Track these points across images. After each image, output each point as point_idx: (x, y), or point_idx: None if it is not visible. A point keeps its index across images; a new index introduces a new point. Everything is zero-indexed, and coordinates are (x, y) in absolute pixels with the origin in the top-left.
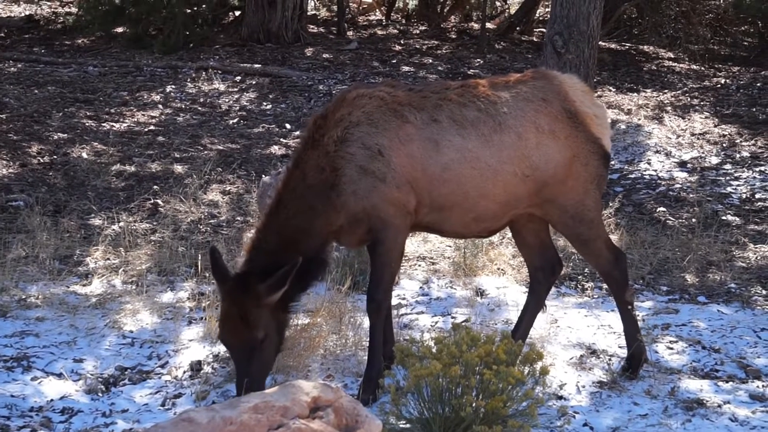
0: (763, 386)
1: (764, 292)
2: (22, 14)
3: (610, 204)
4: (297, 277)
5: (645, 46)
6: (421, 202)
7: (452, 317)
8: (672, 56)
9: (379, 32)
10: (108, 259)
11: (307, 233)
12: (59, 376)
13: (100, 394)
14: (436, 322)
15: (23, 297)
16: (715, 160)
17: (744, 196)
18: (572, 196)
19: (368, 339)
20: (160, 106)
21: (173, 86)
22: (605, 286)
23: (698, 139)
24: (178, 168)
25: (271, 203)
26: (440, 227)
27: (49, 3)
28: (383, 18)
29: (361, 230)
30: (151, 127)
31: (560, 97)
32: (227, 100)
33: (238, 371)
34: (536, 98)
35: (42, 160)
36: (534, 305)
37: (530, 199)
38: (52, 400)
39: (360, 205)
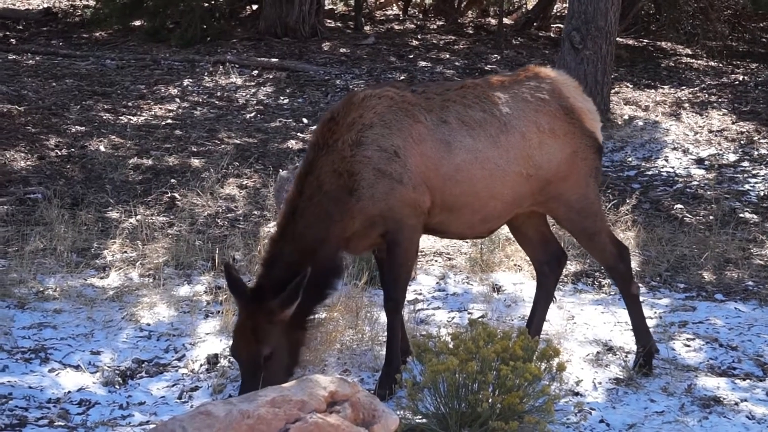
0: None
1: None
2: (41, 7)
3: (627, 201)
4: (313, 288)
5: (663, 43)
6: (433, 202)
7: (469, 313)
8: (690, 53)
9: (396, 27)
10: (125, 252)
11: (323, 242)
12: (76, 368)
13: (117, 387)
14: (453, 318)
15: (41, 289)
16: (732, 158)
17: (762, 193)
18: (576, 190)
19: (386, 335)
20: (178, 99)
21: (190, 80)
22: None
23: (716, 136)
24: (195, 162)
25: (285, 213)
26: (446, 228)
27: None
28: (400, 13)
29: (374, 233)
30: (169, 121)
31: (555, 95)
32: (244, 94)
33: (241, 389)
34: (534, 98)
35: (60, 153)
36: (544, 299)
37: (534, 198)
38: (69, 392)
39: (377, 208)
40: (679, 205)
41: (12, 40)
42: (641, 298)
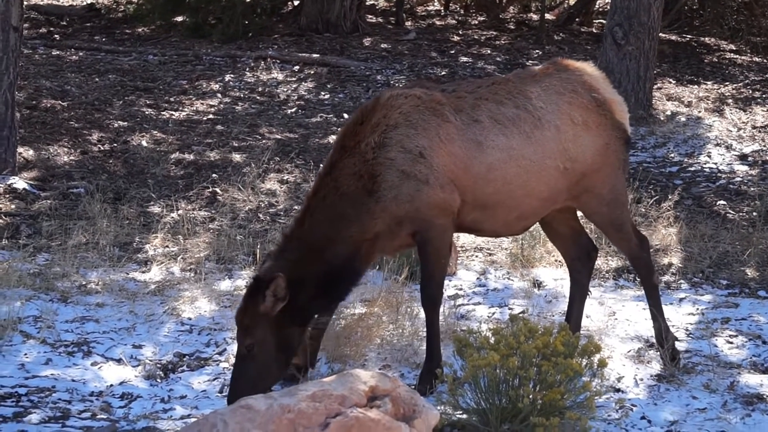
0: None
1: None
2: (84, 3)
3: (669, 197)
4: (317, 288)
5: (706, 38)
6: (464, 201)
7: (509, 308)
8: (733, 48)
9: (438, 22)
10: (167, 246)
11: (332, 241)
12: (119, 361)
13: (158, 380)
14: (493, 313)
15: (84, 283)
16: None
17: None
18: (607, 182)
19: (425, 331)
20: (219, 95)
21: (232, 75)
22: (663, 279)
23: (759, 132)
24: (237, 157)
25: (300, 211)
26: (480, 226)
27: None
28: (442, 8)
29: (402, 233)
30: (210, 116)
31: (586, 87)
32: (285, 89)
33: (232, 374)
34: (566, 90)
35: (102, 148)
36: (579, 295)
37: (569, 192)
38: (111, 385)
39: (402, 210)
40: (721, 202)
41: (56, 35)
42: (683, 295)
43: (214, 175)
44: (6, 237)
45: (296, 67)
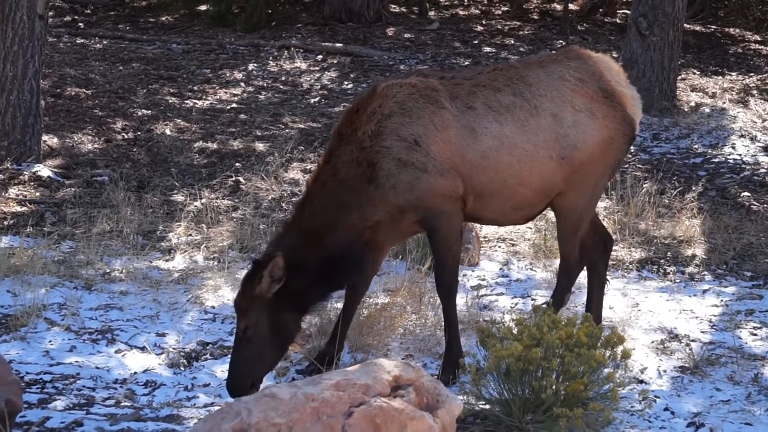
0: None
1: None
2: None
3: (693, 188)
4: (322, 275)
5: (731, 29)
6: (465, 189)
7: (532, 299)
8: (758, 39)
9: (461, 12)
10: (190, 235)
11: (332, 227)
12: (142, 349)
13: (182, 368)
14: (516, 304)
15: (108, 271)
16: None
17: None
18: (594, 178)
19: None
20: (242, 84)
21: (255, 64)
22: (688, 270)
23: None
24: (260, 146)
25: (301, 198)
26: (480, 215)
27: None
28: None
29: (406, 221)
30: (233, 105)
31: (595, 77)
32: (308, 78)
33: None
34: (572, 78)
35: (126, 136)
36: (598, 285)
37: (563, 185)
38: (135, 372)
39: (402, 198)
40: (746, 193)
41: (80, 24)
42: (707, 286)
43: (237, 164)
44: (31, 224)
45: (319, 57)
